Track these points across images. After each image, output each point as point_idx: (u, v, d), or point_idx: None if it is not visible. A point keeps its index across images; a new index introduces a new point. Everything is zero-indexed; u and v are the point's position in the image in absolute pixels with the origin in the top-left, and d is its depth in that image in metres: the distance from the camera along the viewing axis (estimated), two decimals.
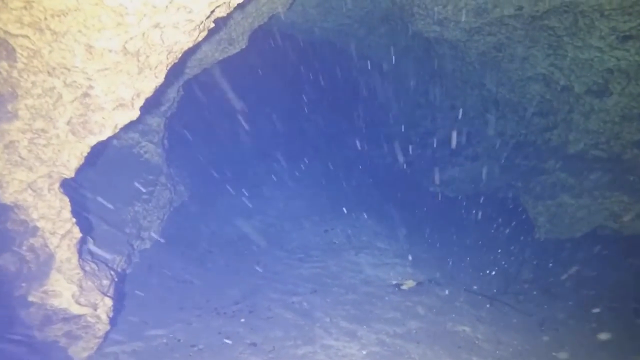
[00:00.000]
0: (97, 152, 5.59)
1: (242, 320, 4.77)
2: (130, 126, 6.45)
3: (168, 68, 2.98)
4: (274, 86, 12.65)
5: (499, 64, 7.93)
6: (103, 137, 2.86)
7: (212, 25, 3.03)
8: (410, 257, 6.38)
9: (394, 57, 10.31)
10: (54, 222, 2.89)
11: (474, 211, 8.36)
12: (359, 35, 9.91)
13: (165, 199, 6.65)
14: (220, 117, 11.54)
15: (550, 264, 6.55)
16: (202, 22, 2.81)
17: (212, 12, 2.90)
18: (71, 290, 2.97)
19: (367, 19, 9.34)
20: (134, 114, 2.93)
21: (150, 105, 6.47)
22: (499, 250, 6.99)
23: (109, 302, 3.29)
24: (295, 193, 9.23)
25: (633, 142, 6.69)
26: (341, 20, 9.54)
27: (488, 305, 5.29)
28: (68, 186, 3.71)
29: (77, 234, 3.02)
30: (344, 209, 8.22)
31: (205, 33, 2.99)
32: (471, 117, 9.42)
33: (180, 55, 2.99)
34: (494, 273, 6.25)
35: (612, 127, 6.83)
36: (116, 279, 3.66)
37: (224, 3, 2.87)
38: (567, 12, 6.44)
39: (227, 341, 4.31)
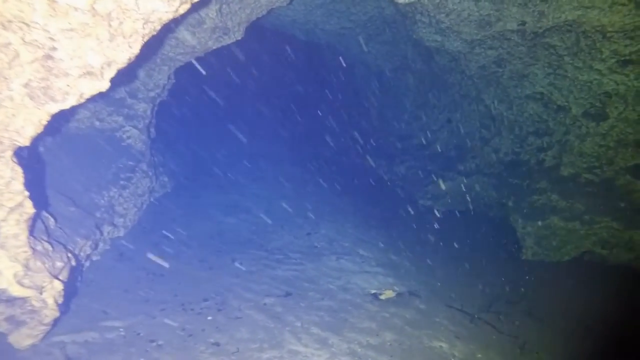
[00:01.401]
0: (73, 130, 5.36)
1: (209, 318, 4.53)
2: (114, 109, 6.26)
3: (145, 40, 2.79)
4: (269, 85, 12.50)
5: (499, 79, 7.83)
6: (66, 106, 2.64)
7: None
8: (392, 267, 6.18)
9: (393, 65, 10.21)
10: (1, 193, 2.65)
11: (462, 227, 8.19)
12: (360, 40, 9.80)
13: (144, 187, 6.41)
14: (213, 112, 11.36)
15: (535, 286, 6.38)
16: None
17: None
18: (14, 269, 2.72)
19: (370, 25, 9.24)
20: (103, 84, 2.72)
21: (137, 89, 6.27)
22: (485, 268, 6.81)
23: (58, 285, 3.03)
24: (282, 194, 9.02)
25: (626, 168, 6.58)
26: (344, 23, 9.43)
27: (468, 323, 5.10)
28: (35, 160, 3.48)
29: (29, 209, 2.78)
30: (329, 214, 8.03)
31: (187, 6, 2.81)
32: (467, 132, 9.31)
33: (159, 27, 2.79)
34: (477, 290, 6.05)
35: (607, 151, 6.72)
36: (74, 263, 3.42)
37: None
38: (569, 31, 6.35)
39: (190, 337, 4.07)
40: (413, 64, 9.67)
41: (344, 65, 10.98)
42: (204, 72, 6.41)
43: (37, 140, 2.72)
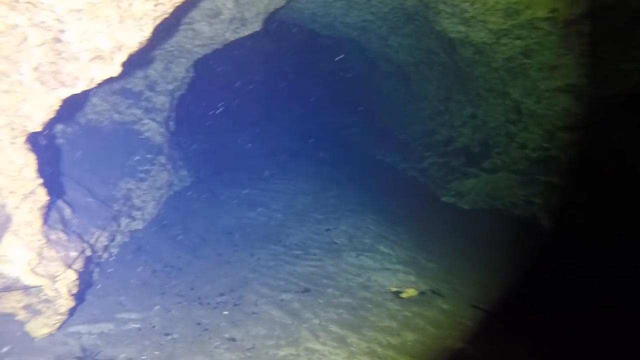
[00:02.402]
0: (92, 122, 5.37)
1: (225, 312, 4.44)
2: (133, 102, 6.27)
3: (156, 23, 2.70)
4: (289, 80, 12.40)
5: (527, 72, 7.47)
6: (77, 91, 2.58)
7: None
8: (414, 265, 5.97)
9: (416, 59, 9.94)
10: (14, 179, 2.61)
11: (487, 225, 7.88)
12: (382, 34, 9.57)
13: (163, 180, 6.41)
14: (233, 107, 11.35)
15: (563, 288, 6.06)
16: None
17: None
18: (27, 257, 2.68)
19: (391, 17, 9.00)
20: (114, 69, 2.65)
21: (155, 82, 6.26)
22: (511, 268, 6.51)
23: (72, 275, 2.99)
24: (302, 189, 8.91)
25: None
26: (364, 16, 9.23)
27: (493, 324, 4.85)
28: (51, 149, 3.45)
29: (42, 196, 2.74)
30: (350, 210, 7.86)
31: None
32: (492, 127, 8.97)
33: (170, 9, 2.70)
34: (502, 291, 5.78)
35: None
36: (89, 253, 3.38)
37: None
38: (605, 17, 5.98)
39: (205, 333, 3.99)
40: (436, 57, 9.38)
41: (366, 59, 10.77)
42: (224, 65, 6.34)
43: (53, 129, 2.67)
